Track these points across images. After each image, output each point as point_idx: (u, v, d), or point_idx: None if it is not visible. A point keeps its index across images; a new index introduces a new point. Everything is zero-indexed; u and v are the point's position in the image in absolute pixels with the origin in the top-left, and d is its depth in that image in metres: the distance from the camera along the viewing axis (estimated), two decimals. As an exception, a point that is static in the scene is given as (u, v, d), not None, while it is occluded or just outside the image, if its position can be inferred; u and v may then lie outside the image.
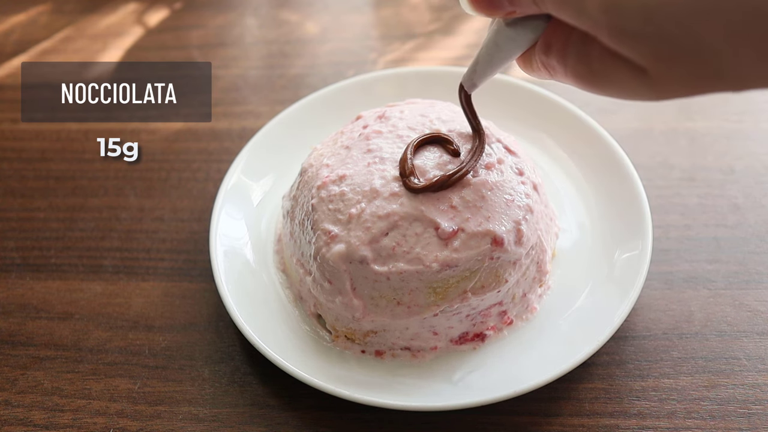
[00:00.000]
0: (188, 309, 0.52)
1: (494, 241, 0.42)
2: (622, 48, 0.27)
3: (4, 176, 0.64)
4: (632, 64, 0.27)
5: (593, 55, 0.29)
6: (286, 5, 0.84)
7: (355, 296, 0.43)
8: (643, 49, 0.26)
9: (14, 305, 0.54)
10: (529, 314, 0.47)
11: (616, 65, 0.28)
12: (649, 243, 0.47)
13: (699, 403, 0.44)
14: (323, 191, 0.44)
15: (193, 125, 0.67)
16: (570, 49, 0.30)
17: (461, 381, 0.44)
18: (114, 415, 0.46)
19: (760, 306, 0.48)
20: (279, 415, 0.45)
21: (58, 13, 0.85)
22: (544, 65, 0.33)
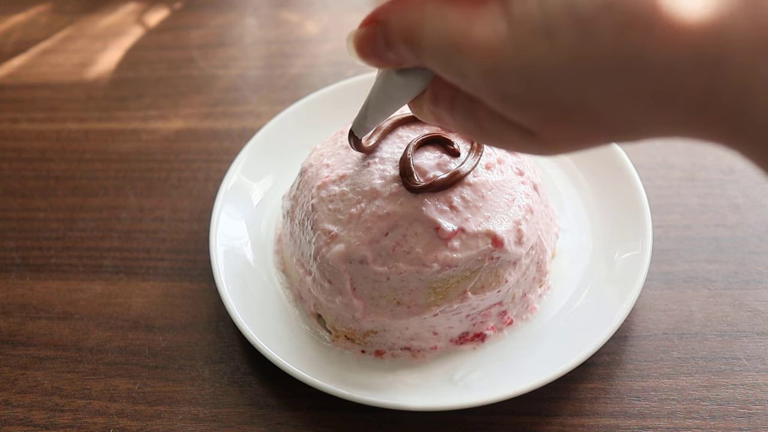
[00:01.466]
0: (188, 309, 0.52)
1: (494, 241, 0.42)
2: (507, 112, 0.26)
3: (4, 176, 0.64)
4: (521, 126, 0.26)
5: (481, 115, 0.28)
6: (286, 5, 0.84)
7: (355, 296, 0.43)
8: (527, 113, 0.25)
9: (14, 305, 0.54)
10: (529, 314, 0.47)
11: (505, 127, 0.27)
12: (649, 243, 0.47)
13: (699, 403, 0.44)
14: (323, 191, 0.44)
15: (193, 125, 0.67)
16: (458, 105, 0.29)
17: (461, 381, 0.44)
18: (114, 415, 0.46)
19: (760, 306, 0.48)
20: (279, 415, 0.45)
21: (58, 13, 0.85)
22: (433, 114, 0.32)
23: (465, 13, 0.25)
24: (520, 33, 0.23)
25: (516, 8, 0.23)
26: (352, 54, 0.31)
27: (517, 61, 0.24)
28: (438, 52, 0.27)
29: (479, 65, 0.25)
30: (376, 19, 0.29)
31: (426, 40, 0.27)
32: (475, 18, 0.25)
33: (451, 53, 0.26)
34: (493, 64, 0.24)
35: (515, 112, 0.26)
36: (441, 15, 0.26)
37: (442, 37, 0.26)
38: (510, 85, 0.25)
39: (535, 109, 0.25)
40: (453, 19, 0.25)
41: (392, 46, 0.29)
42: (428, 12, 0.26)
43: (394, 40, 0.28)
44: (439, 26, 0.26)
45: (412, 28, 0.27)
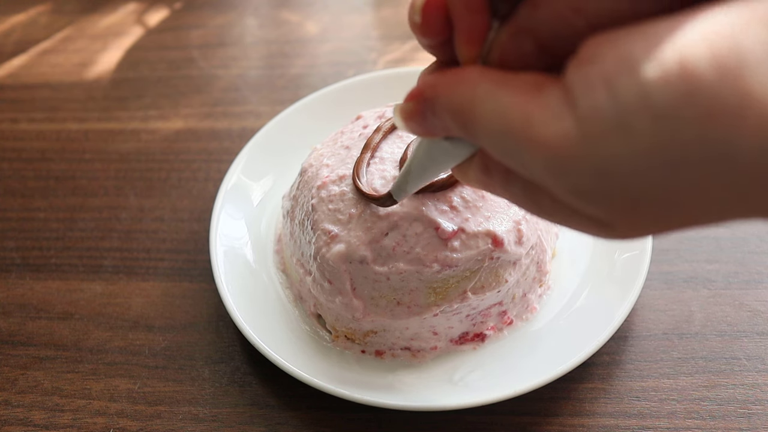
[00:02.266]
0: (188, 309, 0.52)
1: (494, 241, 0.42)
2: (576, 205, 0.24)
3: (4, 176, 0.64)
4: (591, 216, 0.24)
5: (543, 199, 0.26)
6: (286, 5, 0.84)
7: (355, 296, 0.43)
8: (601, 206, 0.23)
9: (14, 305, 0.54)
10: (529, 314, 0.47)
11: (571, 213, 0.25)
12: (649, 243, 0.47)
13: (699, 403, 0.44)
14: (323, 191, 0.44)
15: (193, 125, 0.67)
16: (514, 182, 0.27)
17: (461, 381, 0.44)
18: (114, 415, 0.46)
19: (760, 306, 0.48)
20: (279, 415, 0.45)
21: (58, 13, 0.85)
22: (481, 183, 0.29)
23: (522, 99, 0.23)
24: (591, 130, 0.21)
25: (583, 102, 0.21)
26: (400, 126, 0.29)
27: (589, 158, 0.22)
28: (494, 139, 0.25)
29: (545, 162, 0.23)
30: (423, 95, 0.27)
31: (480, 124, 0.24)
32: (535, 107, 0.23)
33: (510, 143, 0.24)
34: (562, 162, 0.22)
35: (586, 205, 0.24)
36: (495, 99, 0.24)
37: (498, 124, 0.24)
38: (581, 182, 0.23)
39: (610, 203, 0.23)
40: (510, 106, 0.23)
41: (442, 122, 0.27)
42: (481, 94, 0.24)
43: (443, 117, 0.26)
44: (494, 111, 0.24)
45: (464, 110, 0.25)
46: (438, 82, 0.26)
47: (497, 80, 0.24)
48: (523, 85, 0.23)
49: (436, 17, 0.26)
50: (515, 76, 0.24)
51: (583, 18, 0.22)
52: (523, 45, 0.24)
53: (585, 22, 0.22)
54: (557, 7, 0.23)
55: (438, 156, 0.30)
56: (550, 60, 0.24)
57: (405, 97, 0.27)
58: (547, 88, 0.23)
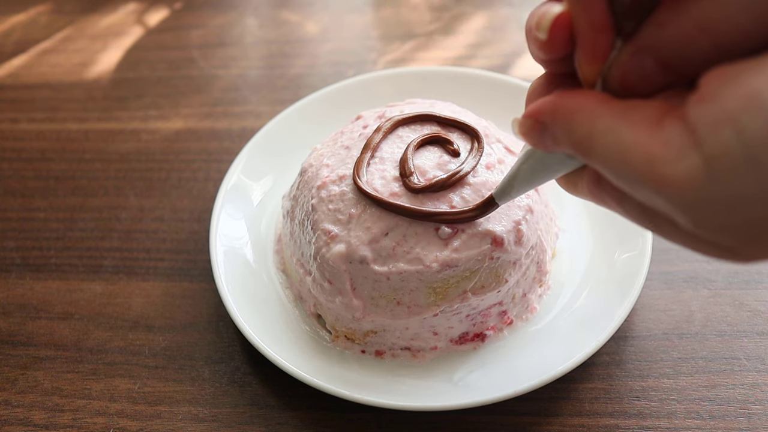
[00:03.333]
0: (188, 309, 0.52)
1: (494, 241, 0.42)
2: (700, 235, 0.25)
3: (4, 176, 0.64)
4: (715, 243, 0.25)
5: (662, 223, 0.26)
6: (286, 5, 0.84)
7: (355, 296, 0.43)
8: (727, 237, 0.24)
9: (14, 305, 0.54)
10: (529, 314, 0.47)
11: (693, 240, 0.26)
12: (649, 243, 0.47)
13: (699, 403, 0.44)
14: (323, 191, 0.44)
15: (193, 125, 0.67)
16: (630, 203, 0.27)
17: (461, 381, 0.44)
18: (114, 415, 0.46)
19: (760, 306, 0.48)
20: (279, 415, 0.45)
21: (58, 13, 0.85)
22: (593, 195, 0.30)
23: (643, 136, 0.23)
24: (719, 168, 0.22)
25: (709, 140, 0.22)
26: (517, 137, 0.29)
27: (717, 195, 0.22)
28: (613, 171, 0.25)
29: (670, 199, 0.23)
30: (540, 120, 0.27)
31: (599, 156, 0.25)
32: (657, 146, 0.23)
33: (632, 178, 0.24)
34: (689, 200, 0.23)
35: (712, 235, 0.24)
36: (615, 134, 0.24)
37: (619, 160, 0.24)
38: (708, 216, 0.23)
39: (737, 233, 0.24)
40: (631, 143, 0.24)
41: (559, 145, 0.27)
42: (600, 128, 0.25)
43: (560, 142, 0.27)
44: (614, 147, 0.24)
45: (582, 141, 0.25)
46: (557, 108, 0.26)
47: (616, 112, 0.24)
48: (642, 120, 0.24)
49: (561, 36, 0.26)
50: (634, 108, 0.24)
51: (709, 38, 0.22)
52: (646, 64, 0.24)
53: (710, 42, 0.22)
54: (684, 27, 0.23)
55: (551, 164, 0.31)
56: (671, 78, 0.24)
57: (524, 113, 0.28)
58: (667, 124, 0.23)
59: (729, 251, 0.25)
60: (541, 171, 0.31)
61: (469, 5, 0.79)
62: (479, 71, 0.60)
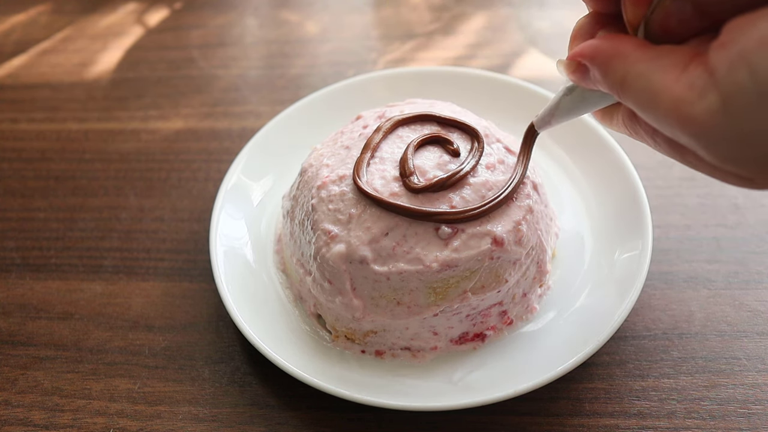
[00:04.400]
0: (188, 309, 0.52)
1: (494, 241, 0.42)
2: (721, 167, 0.28)
3: (4, 176, 0.64)
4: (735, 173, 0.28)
5: (689, 156, 0.29)
6: (286, 5, 0.84)
7: (355, 296, 0.43)
8: (745, 167, 0.27)
9: (14, 305, 0.54)
10: (529, 314, 0.47)
11: (715, 170, 0.29)
12: (649, 243, 0.47)
13: (699, 403, 0.44)
14: (323, 191, 0.44)
15: (193, 125, 0.67)
16: (660, 137, 0.30)
17: (461, 381, 0.44)
18: (114, 415, 0.46)
19: (760, 306, 0.48)
20: (279, 415, 0.45)
21: (58, 13, 0.85)
22: (628, 128, 0.33)
23: (670, 79, 0.26)
24: (735, 105, 0.24)
25: (725, 80, 0.24)
26: (562, 75, 0.32)
27: (734, 130, 0.25)
28: (644, 111, 0.28)
29: (692, 135, 0.26)
30: (581, 61, 0.30)
31: (632, 97, 0.28)
32: (682, 88, 0.26)
33: (660, 117, 0.27)
34: (708, 135, 0.26)
35: (731, 167, 0.27)
36: (647, 79, 0.27)
37: (649, 101, 0.27)
38: (726, 150, 0.26)
39: (754, 164, 0.26)
40: (660, 86, 0.27)
41: (598, 85, 0.30)
42: (634, 72, 0.28)
43: (599, 82, 0.30)
44: (645, 90, 0.27)
45: (618, 83, 0.29)
46: (597, 53, 0.30)
47: (649, 58, 0.27)
48: (671, 65, 0.27)
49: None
50: (665, 53, 0.27)
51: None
52: (685, 9, 0.27)
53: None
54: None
55: (590, 100, 0.34)
56: (706, 24, 0.27)
57: (569, 54, 0.31)
58: (692, 68, 0.26)
59: (747, 180, 0.28)
60: (581, 104, 0.35)
61: (469, 5, 0.79)
62: (479, 71, 0.60)
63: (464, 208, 0.42)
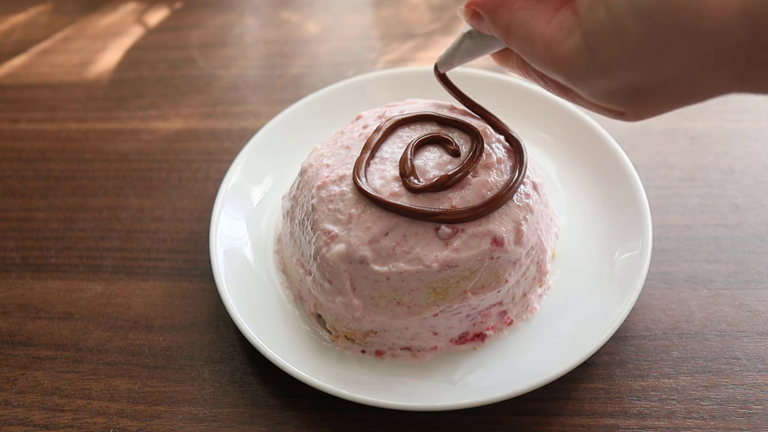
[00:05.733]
0: (188, 309, 0.52)
1: (494, 241, 0.42)
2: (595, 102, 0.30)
3: (4, 176, 0.64)
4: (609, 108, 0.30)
5: (573, 97, 0.32)
6: (286, 5, 0.84)
7: (355, 296, 0.43)
8: (613, 101, 0.29)
9: (14, 305, 0.54)
10: (529, 314, 0.47)
11: (596, 107, 0.31)
12: (649, 243, 0.47)
13: (699, 403, 0.44)
14: (323, 191, 0.44)
15: (193, 125, 0.67)
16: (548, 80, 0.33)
17: (461, 381, 0.44)
18: (114, 415, 0.46)
19: (760, 306, 0.48)
20: (279, 415, 0.45)
21: (58, 13, 0.85)
22: (520, 70, 0.36)
23: (544, 23, 0.29)
24: (595, 41, 0.27)
25: (586, 17, 0.27)
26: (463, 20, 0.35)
27: (596, 66, 0.27)
28: (527, 56, 0.31)
29: (564, 75, 0.29)
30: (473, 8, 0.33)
31: (516, 44, 0.31)
32: (553, 30, 0.28)
33: (538, 61, 0.30)
34: (577, 73, 0.28)
35: (602, 102, 0.30)
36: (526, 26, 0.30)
37: (529, 47, 0.30)
38: (594, 85, 0.29)
39: (619, 97, 0.29)
40: (536, 31, 0.29)
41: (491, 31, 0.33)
42: (516, 20, 0.30)
43: (490, 29, 0.33)
44: (525, 36, 0.30)
45: (503, 31, 0.31)
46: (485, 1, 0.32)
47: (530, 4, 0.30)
48: (546, 10, 0.29)
49: None
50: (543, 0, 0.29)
51: None
52: None
53: None
54: None
55: (489, 43, 0.37)
56: None
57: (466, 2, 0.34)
58: (562, 11, 0.28)
59: (620, 114, 0.31)
60: (480, 46, 0.38)
61: (469, 5, 0.79)
62: (479, 71, 0.60)
63: (464, 208, 0.42)
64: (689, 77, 0.27)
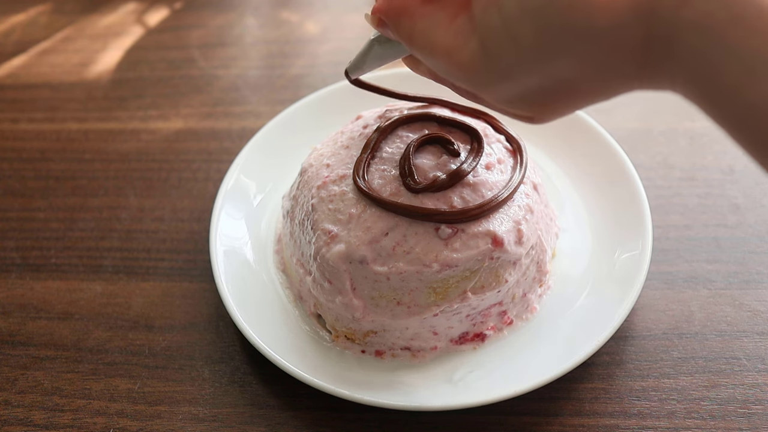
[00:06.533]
0: (188, 309, 0.52)
1: (494, 241, 0.42)
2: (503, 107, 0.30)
3: (4, 176, 0.64)
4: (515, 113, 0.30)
5: (483, 102, 0.32)
6: (286, 5, 0.84)
7: (355, 296, 0.43)
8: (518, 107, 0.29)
9: (14, 305, 0.54)
10: (529, 314, 0.47)
11: (505, 111, 0.31)
12: (649, 243, 0.47)
13: (699, 403, 0.44)
14: (323, 191, 0.44)
15: (193, 125, 0.67)
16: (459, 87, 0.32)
17: (461, 381, 0.44)
18: (114, 415, 0.46)
19: (760, 306, 0.48)
20: (279, 415, 0.45)
21: (58, 13, 0.85)
22: (430, 75, 0.35)
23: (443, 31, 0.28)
24: (490, 46, 0.26)
25: (480, 23, 0.26)
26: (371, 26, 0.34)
27: (495, 71, 0.27)
28: (431, 65, 0.30)
29: (466, 82, 0.29)
30: (378, 16, 0.32)
31: (418, 53, 0.30)
32: (452, 38, 0.28)
33: (441, 70, 0.30)
34: (478, 79, 0.28)
35: (507, 107, 0.29)
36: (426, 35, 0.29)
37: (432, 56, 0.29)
38: (497, 90, 0.28)
39: (523, 101, 0.28)
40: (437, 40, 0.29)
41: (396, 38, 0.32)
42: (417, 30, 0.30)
43: (395, 36, 0.32)
44: (426, 44, 0.29)
45: (406, 39, 0.31)
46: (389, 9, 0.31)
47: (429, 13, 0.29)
48: (445, 17, 0.29)
49: None
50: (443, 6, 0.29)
51: None
52: None
53: None
54: None
55: (397, 48, 0.36)
56: None
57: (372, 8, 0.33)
58: (459, 17, 0.28)
59: (528, 118, 0.30)
60: (390, 51, 0.37)
61: (469, 5, 0.79)
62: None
63: (464, 208, 0.42)
64: (589, 77, 0.26)
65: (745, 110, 0.23)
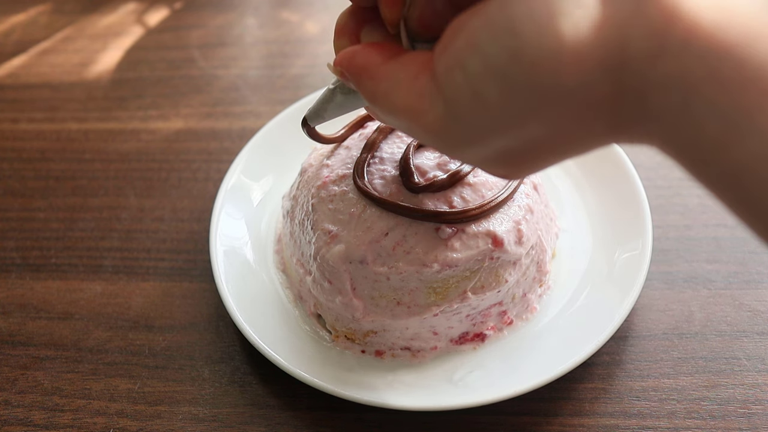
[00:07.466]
0: (188, 309, 0.52)
1: (494, 241, 0.42)
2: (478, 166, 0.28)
3: (4, 176, 0.64)
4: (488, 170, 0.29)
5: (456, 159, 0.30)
6: (286, 5, 0.84)
7: (355, 296, 0.43)
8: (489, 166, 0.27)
9: (14, 305, 0.54)
10: (529, 314, 0.47)
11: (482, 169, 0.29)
12: (649, 243, 0.47)
13: (699, 403, 0.44)
14: (323, 191, 0.45)
15: (193, 125, 0.67)
16: None
17: (461, 381, 0.44)
18: (114, 415, 0.46)
19: (760, 306, 0.48)
20: (279, 415, 0.45)
21: (58, 13, 0.85)
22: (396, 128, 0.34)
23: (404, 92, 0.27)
24: (456, 108, 0.25)
25: (445, 84, 0.25)
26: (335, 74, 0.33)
27: (462, 133, 0.25)
28: (395, 126, 0.29)
29: (434, 144, 0.27)
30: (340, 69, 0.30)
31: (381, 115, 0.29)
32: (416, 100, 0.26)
33: (406, 130, 0.28)
34: (446, 142, 0.26)
35: (482, 167, 0.28)
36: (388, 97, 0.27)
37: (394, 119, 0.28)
38: (466, 153, 0.27)
39: (495, 163, 0.27)
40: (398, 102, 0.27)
41: None
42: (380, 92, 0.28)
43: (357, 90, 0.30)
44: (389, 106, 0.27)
45: (368, 98, 0.29)
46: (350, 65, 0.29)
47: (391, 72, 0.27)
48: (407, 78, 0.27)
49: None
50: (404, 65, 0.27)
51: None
52: (437, 3, 0.28)
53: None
54: None
55: (358, 98, 0.35)
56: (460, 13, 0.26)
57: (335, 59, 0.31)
58: (421, 78, 0.26)
59: (504, 175, 0.29)
60: (354, 100, 0.35)
61: (469, 5, 0.79)
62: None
63: (464, 208, 0.42)
64: (560, 135, 0.25)
65: (730, 169, 0.21)
